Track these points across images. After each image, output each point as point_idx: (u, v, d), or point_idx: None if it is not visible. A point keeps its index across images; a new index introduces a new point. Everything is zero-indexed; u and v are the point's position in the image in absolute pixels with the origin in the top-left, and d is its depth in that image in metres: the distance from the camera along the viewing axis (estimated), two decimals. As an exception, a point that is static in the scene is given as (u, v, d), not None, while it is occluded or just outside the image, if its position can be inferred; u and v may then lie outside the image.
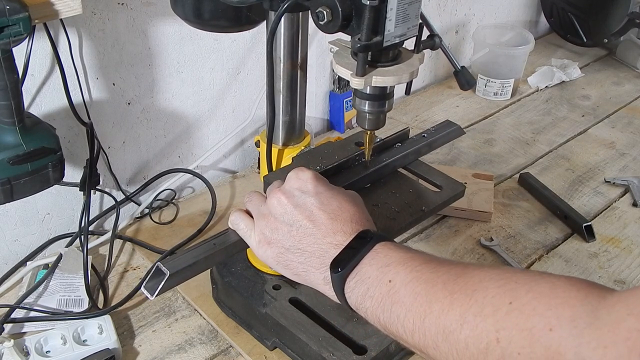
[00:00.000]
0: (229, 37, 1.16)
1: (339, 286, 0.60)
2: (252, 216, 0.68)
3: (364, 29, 0.63)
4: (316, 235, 0.62)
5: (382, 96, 0.73)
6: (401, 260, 0.57)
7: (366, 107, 0.74)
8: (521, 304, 0.48)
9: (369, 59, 0.68)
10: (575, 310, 0.46)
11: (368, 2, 0.61)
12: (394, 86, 0.72)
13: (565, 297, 0.47)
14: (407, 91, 0.77)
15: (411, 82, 0.73)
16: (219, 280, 0.92)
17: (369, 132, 0.78)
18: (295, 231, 0.63)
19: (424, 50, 0.73)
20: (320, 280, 0.62)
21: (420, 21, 0.68)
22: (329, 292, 0.62)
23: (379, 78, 0.68)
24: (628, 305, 0.44)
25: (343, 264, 0.59)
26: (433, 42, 0.73)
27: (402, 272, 0.56)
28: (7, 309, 0.89)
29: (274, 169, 0.86)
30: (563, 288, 0.48)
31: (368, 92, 0.72)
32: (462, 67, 0.86)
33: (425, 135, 0.91)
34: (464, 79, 0.86)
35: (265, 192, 0.72)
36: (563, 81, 1.67)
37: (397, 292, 0.56)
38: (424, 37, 0.72)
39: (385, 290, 0.56)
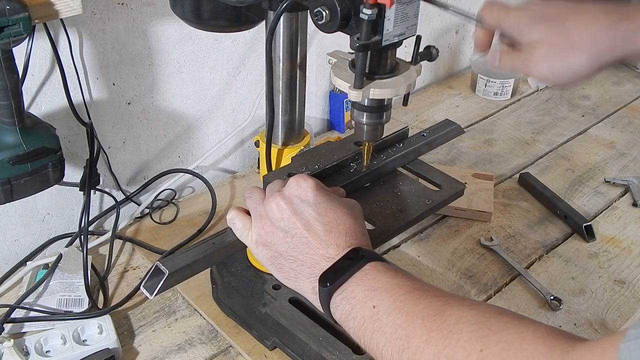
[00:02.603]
0: (229, 37, 1.16)
1: (325, 300, 0.61)
2: (249, 213, 0.69)
3: (363, 29, 0.63)
4: (310, 245, 0.63)
5: (380, 108, 0.73)
6: (387, 287, 0.58)
7: (364, 119, 0.74)
8: (490, 354, 0.50)
9: (367, 71, 0.68)
10: None
11: (367, 16, 0.61)
12: (391, 98, 0.72)
13: (531, 350, 0.48)
14: (405, 102, 0.77)
15: (409, 93, 0.73)
16: (219, 280, 0.92)
17: (366, 143, 0.78)
18: (290, 238, 0.64)
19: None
20: (309, 289, 0.63)
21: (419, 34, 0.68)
22: (316, 302, 0.63)
23: (377, 90, 0.68)
24: None
25: (331, 279, 0.60)
26: (430, 53, 0.73)
27: (386, 299, 0.57)
28: (7, 309, 0.89)
29: (273, 169, 0.86)
30: (529, 341, 0.49)
31: (366, 104, 0.72)
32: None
33: (425, 134, 0.91)
34: None
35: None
36: (563, 81, 1.67)
37: (379, 319, 0.56)
38: (420, 49, 0.72)
39: (368, 315, 0.57)
